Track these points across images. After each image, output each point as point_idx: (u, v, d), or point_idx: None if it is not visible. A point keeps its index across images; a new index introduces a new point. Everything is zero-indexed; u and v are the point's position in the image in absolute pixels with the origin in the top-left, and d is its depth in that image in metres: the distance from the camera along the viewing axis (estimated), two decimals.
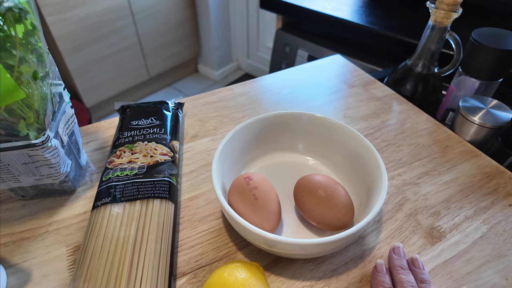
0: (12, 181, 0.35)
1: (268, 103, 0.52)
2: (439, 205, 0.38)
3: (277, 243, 0.28)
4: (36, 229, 0.35)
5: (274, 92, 0.55)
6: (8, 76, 0.26)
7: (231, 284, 0.25)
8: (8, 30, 0.26)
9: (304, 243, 0.27)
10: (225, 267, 0.27)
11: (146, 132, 0.41)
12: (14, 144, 0.30)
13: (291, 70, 0.60)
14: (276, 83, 0.57)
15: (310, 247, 0.28)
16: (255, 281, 0.26)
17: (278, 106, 0.52)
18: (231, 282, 0.25)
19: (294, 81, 0.57)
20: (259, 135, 0.39)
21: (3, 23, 0.25)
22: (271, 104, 0.52)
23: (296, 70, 0.60)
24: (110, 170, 0.37)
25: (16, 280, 0.31)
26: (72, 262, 0.32)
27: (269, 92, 0.55)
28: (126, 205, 0.33)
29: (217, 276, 0.26)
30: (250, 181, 0.32)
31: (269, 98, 0.54)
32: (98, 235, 0.31)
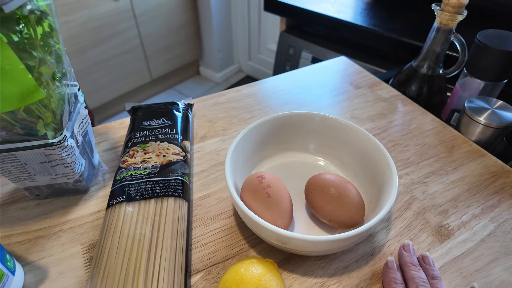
0: (28, 180, 0.35)
1: (275, 104, 0.53)
2: (447, 204, 0.38)
3: (291, 240, 0.28)
4: (51, 228, 0.36)
5: (281, 93, 0.55)
6: (30, 76, 0.27)
7: (248, 280, 0.25)
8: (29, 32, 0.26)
9: (318, 239, 0.28)
10: (241, 263, 0.27)
11: (158, 132, 0.42)
12: (32, 143, 0.31)
13: (297, 72, 0.61)
14: (283, 85, 0.57)
15: (323, 244, 0.28)
16: (271, 276, 0.26)
17: (285, 107, 0.52)
18: (248, 277, 0.26)
19: (300, 82, 0.58)
20: (270, 135, 0.40)
21: (25, 25, 0.26)
22: (279, 105, 0.53)
23: (302, 72, 0.61)
24: (124, 170, 0.37)
25: (33, 277, 0.32)
26: (87, 259, 0.33)
27: (276, 93, 0.55)
28: (141, 203, 0.34)
29: (233, 272, 0.27)
30: (263, 180, 0.33)
31: (276, 99, 0.54)
32: (114, 233, 0.31)
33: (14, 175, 0.34)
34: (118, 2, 1.50)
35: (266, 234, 0.29)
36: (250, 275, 0.26)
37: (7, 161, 0.32)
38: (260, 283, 0.25)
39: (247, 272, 0.26)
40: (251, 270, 0.26)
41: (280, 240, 0.29)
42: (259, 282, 0.25)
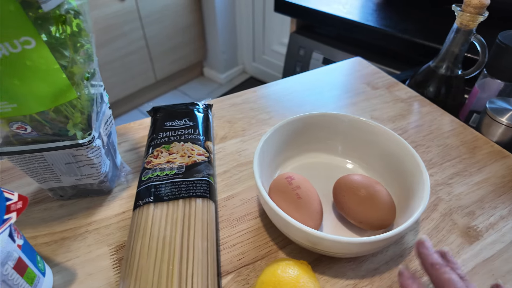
0: (54, 181, 0.35)
1: (292, 105, 0.53)
2: (473, 205, 0.38)
3: (324, 241, 0.28)
4: (76, 229, 0.35)
5: (297, 94, 0.55)
6: (64, 76, 0.27)
7: (286, 282, 0.25)
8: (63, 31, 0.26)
9: (353, 241, 0.27)
10: (277, 264, 0.27)
11: (181, 133, 0.41)
12: (62, 143, 0.31)
13: (312, 73, 0.60)
14: (298, 86, 0.57)
15: (357, 246, 0.28)
16: (308, 278, 0.26)
17: (302, 108, 0.52)
18: (285, 279, 0.25)
19: (316, 83, 0.58)
20: (295, 135, 0.39)
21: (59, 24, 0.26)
22: (296, 106, 0.53)
23: (317, 73, 0.60)
24: (149, 170, 0.37)
25: (62, 279, 0.31)
26: (115, 261, 0.33)
27: (292, 94, 0.55)
28: (169, 204, 0.33)
29: (270, 274, 0.26)
30: (292, 181, 0.33)
31: (293, 100, 0.54)
32: (144, 234, 0.31)
33: (40, 176, 0.34)
34: (123, 3, 1.50)
35: (298, 234, 0.29)
36: (287, 277, 0.26)
37: (35, 161, 0.32)
38: (298, 285, 0.25)
39: (284, 273, 0.26)
40: (288, 271, 0.26)
41: (312, 241, 0.29)
42: (296, 283, 0.25)
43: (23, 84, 0.25)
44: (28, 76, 0.25)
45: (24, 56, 0.24)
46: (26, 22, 0.23)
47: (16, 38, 0.23)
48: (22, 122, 0.28)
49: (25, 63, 0.24)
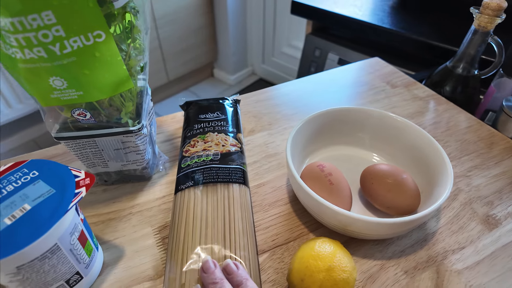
0: (101, 166, 0.38)
1: (315, 102, 0.55)
2: (492, 196, 0.40)
3: (357, 221, 0.30)
4: (121, 211, 0.38)
5: (319, 91, 0.58)
6: (125, 67, 0.30)
7: (324, 255, 0.28)
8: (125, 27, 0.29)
9: (384, 221, 0.30)
10: (314, 241, 0.30)
11: (214, 125, 0.44)
12: (116, 130, 0.34)
13: (332, 72, 0.63)
14: (319, 84, 0.60)
15: (387, 226, 0.30)
16: (343, 254, 0.29)
17: (325, 104, 0.55)
18: (323, 253, 0.28)
19: (336, 81, 0.60)
20: (325, 127, 0.42)
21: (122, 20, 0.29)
22: (318, 102, 0.55)
23: (336, 72, 0.63)
24: (188, 158, 0.40)
25: (111, 255, 0.34)
26: (159, 239, 0.35)
27: (314, 91, 0.58)
28: (208, 188, 0.36)
29: (308, 249, 0.29)
30: (324, 168, 0.35)
31: (315, 97, 0.57)
32: (188, 215, 0.34)
33: (90, 161, 0.37)
34: None
35: (332, 216, 0.32)
36: (325, 252, 0.28)
37: (87, 146, 0.35)
38: (335, 258, 0.28)
39: (322, 249, 0.28)
40: (325, 247, 0.29)
41: (344, 223, 0.31)
42: (333, 257, 0.28)
43: (91, 73, 0.28)
44: (96, 67, 0.28)
45: (94, 48, 0.27)
46: (100, 17, 0.26)
47: (90, 31, 0.26)
48: (83, 109, 0.31)
49: (95, 55, 0.27)
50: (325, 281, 0.27)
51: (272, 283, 0.32)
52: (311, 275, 0.27)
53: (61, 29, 0.25)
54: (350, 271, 0.28)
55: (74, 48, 0.26)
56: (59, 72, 0.27)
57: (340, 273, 0.27)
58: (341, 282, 0.27)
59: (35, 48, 0.25)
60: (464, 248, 0.35)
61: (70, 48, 0.26)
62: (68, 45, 0.26)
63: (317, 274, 0.27)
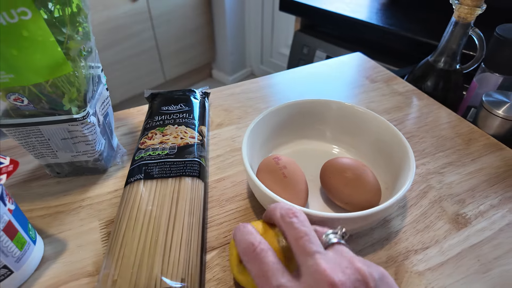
0: (51, 157, 0.36)
1: (291, 96, 0.53)
2: (464, 194, 0.38)
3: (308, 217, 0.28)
4: (71, 204, 0.37)
5: (297, 85, 0.56)
6: (59, 49, 0.28)
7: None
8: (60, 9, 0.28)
9: (336, 216, 0.28)
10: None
11: (176, 117, 0.42)
12: (57, 118, 0.32)
13: (314, 65, 0.61)
14: (299, 77, 0.58)
15: (340, 222, 0.28)
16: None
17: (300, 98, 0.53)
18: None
19: (316, 75, 0.58)
20: (286, 121, 0.40)
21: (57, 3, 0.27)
22: (295, 96, 0.53)
23: (318, 66, 0.61)
24: (142, 150, 0.38)
25: (53, 249, 0.32)
26: (105, 234, 0.33)
27: (293, 85, 0.56)
28: (158, 182, 0.34)
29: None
30: (279, 161, 0.33)
31: (293, 91, 0.55)
32: (132, 208, 0.32)
33: (37, 151, 0.35)
34: (135, 4, 1.53)
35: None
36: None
37: (32, 135, 0.34)
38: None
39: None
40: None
41: None
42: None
43: (20, 54, 0.26)
44: (25, 47, 0.26)
45: (21, 26, 0.25)
46: None
47: (13, 7, 0.24)
48: (19, 93, 0.29)
49: (22, 34, 0.26)
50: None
51: (218, 282, 0.30)
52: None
53: None
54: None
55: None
56: None
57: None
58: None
59: None
60: (428, 248, 0.32)
61: None
62: None
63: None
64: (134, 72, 1.70)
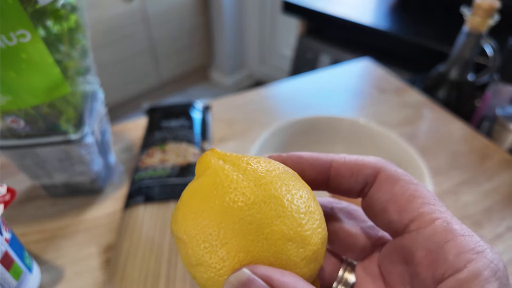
0: (46, 178, 0.36)
1: (296, 107, 0.53)
2: (480, 215, 0.38)
3: None
4: (67, 227, 0.36)
5: (302, 96, 0.56)
6: (58, 70, 0.28)
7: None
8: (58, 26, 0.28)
9: None
10: None
11: (177, 133, 0.42)
12: (54, 139, 0.32)
13: (319, 74, 0.61)
14: (304, 87, 0.58)
15: None
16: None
17: (308, 111, 0.53)
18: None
19: (322, 85, 0.58)
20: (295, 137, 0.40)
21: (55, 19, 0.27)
22: (301, 108, 0.53)
23: (324, 74, 0.61)
24: (142, 170, 0.38)
25: (49, 277, 0.32)
26: (104, 260, 0.33)
27: (297, 96, 0.56)
28: (160, 205, 0.34)
29: None
30: None
31: (298, 102, 0.55)
32: (132, 235, 0.32)
33: (33, 172, 0.35)
34: (130, 4, 1.54)
35: None
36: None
37: (28, 157, 0.33)
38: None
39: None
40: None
41: None
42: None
43: (18, 76, 0.26)
44: (23, 69, 0.26)
45: (19, 49, 0.25)
46: (22, 16, 0.24)
47: (12, 31, 0.24)
48: (16, 116, 0.29)
49: (21, 56, 0.26)
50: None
51: None
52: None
53: None
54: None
55: None
56: None
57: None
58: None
59: None
60: None
61: None
62: None
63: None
64: (129, 74, 1.70)
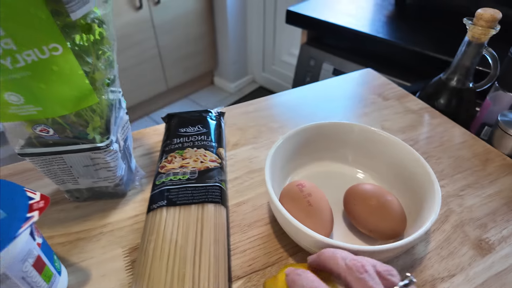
0: (71, 183, 0.36)
1: (303, 114, 0.53)
2: (485, 218, 0.38)
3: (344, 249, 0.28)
4: (91, 230, 0.36)
5: (308, 103, 0.56)
6: (87, 81, 0.28)
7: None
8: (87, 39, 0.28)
9: (364, 249, 0.27)
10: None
11: (194, 139, 0.42)
12: (81, 146, 0.32)
13: (324, 83, 0.61)
14: (310, 95, 0.58)
15: (369, 254, 0.28)
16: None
17: (313, 117, 0.53)
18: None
19: (327, 93, 0.58)
20: (307, 143, 0.40)
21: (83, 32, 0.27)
22: (307, 115, 0.53)
23: (328, 83, 0.61)
24: (163, 175, 0.38)
25: (75, 279, 0.32)
26: (128, 262, 0.33)
27: (304, 103, 0.56)
28: (181, 209, 0.34)
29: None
30: (303, 188, 0.33)
31: (304, 109, 0.55)
32: (157, 237, 0.32)
33: (59, 178, 0.35)
34: (138, 13, 1.54)
35: (309, 241, 0.29)
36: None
37: (55, 163, 0.33)
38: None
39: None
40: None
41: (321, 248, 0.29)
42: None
43: (49, 88, 0.26)
44: (54, 81, 0.26)
45: (51, 62, 0.25)
46: (55, 30, 0.24)
47: (45, 44, 0.24)
48: (45, 124, 0.29)
49: (52, 69, 0.26)
50: None
51: None
52: None
53: (11, 42, 0.23)
54: None
55: (28, 62, 0.24)
56: (13, 87, 0.25)
57: None
58: None
59: None
60: (454, 276, 0.32)
61: (23, 62, 0.24)
62: (21, 59, 0.24)
63: None
64: (137, 80, 1.70)
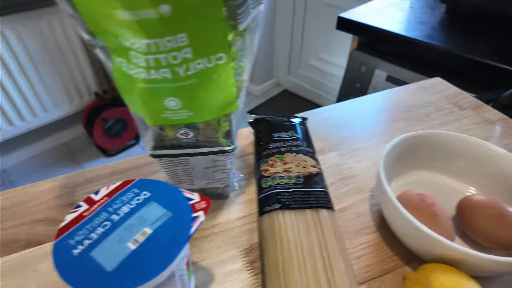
0: (187, 183, 0.37)
1: (383, 121, 0.53)
2: None
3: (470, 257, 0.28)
4: (203, 230, 0.37)
5: (384, 111, 0.56)
6: (234, 89, 0.28)
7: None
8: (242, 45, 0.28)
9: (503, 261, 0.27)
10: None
11: (290, 144, 0.42)
12: (211, 149, 0.32)
13: (394, 91, 0.61)
14: (382, 103, 0.58)
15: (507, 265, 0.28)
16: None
17: (393, 124, 0.53)
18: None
19: (400, 101, 0.58)
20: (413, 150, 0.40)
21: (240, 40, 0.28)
22: (387, 122, 0.53)
23: (398, 91, 0.61)
24: (268, 178, 0.38)
25: (199, 278, 0.33)
26: (247, 263, 0.34)
27: (379, 111, 0.56)
28: (296, 213, 0.34)
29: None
30: (425, 198, 0.33)
31: (382, 116, 0.55)
32: (281, 240, 0.32)
33: (177, 178, 0.36)
34: None
35: (439, 250, 0.29)
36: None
37: (179, 164, 0.34)
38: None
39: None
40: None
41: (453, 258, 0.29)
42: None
43: (206, 95, 0.27)
44: (212, 88, 0.27)
45: (213, 70, 0.26)
46: (225, 41, 0.25)
47: (214, 54, 0.25)
48: (188, 128, 0.30)
49: (212, 77, 0.26)
50: None
51: None
52: None
53: (190, 51, 0.24)
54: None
55: (197, 70, 0.25)
56: (177, 93, 0.26)
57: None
58: None
59: (162, 69, 0.24)
60: None
61: (193, 70, 0.25)
62: (192, 67, 0.25)
63: None
64: None
